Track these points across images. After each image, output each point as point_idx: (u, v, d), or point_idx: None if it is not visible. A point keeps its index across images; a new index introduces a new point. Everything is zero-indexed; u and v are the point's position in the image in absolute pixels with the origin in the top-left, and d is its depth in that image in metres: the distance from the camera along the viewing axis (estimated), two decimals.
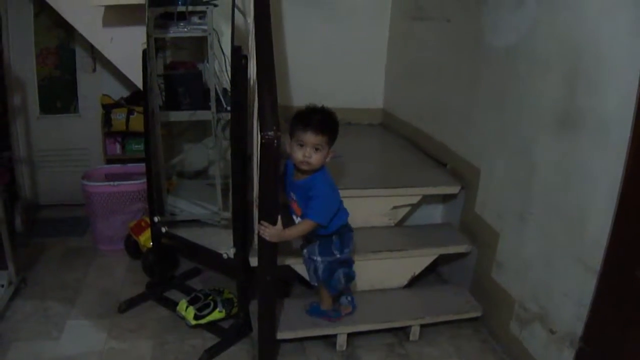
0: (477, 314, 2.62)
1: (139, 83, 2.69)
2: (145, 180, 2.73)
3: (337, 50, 3.58)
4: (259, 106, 2.10)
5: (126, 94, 3.69)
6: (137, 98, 3.51)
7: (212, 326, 2.53)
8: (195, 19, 2.54)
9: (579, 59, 1.98)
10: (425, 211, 2.96)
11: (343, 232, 2.25)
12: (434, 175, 2.92)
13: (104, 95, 3.60)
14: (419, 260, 2.69)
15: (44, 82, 3.68)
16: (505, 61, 2.44)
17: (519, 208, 2.35)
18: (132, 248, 3.09)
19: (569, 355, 2.03)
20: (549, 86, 2.15)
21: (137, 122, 3.41)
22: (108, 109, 3.56)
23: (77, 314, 2.62)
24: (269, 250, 2.13)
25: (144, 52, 2.51)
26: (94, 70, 3.70)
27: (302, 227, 2.15)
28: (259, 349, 2.30)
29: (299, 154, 2.05)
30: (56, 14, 2.85)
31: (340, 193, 2.26)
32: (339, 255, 2.25)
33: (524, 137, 2.30)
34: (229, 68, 2.32)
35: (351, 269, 2.34)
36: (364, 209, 2.67)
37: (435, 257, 2.71)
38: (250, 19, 2.23)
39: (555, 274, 2.14)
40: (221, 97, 2.53)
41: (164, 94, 2.74)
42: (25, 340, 2.41)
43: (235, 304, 2.54)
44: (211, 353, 2.38)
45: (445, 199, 2.96)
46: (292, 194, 2.18)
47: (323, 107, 2.11)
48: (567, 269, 2.07)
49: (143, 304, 2.71)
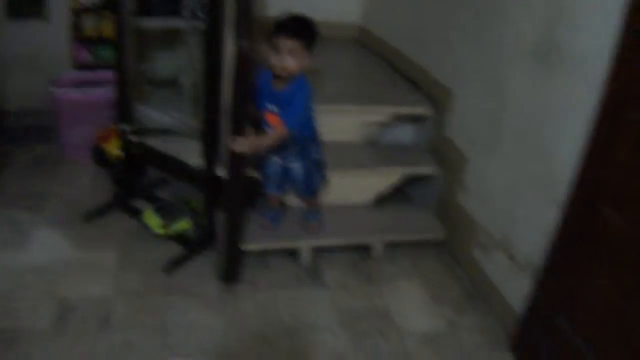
0: (441, 236, 2.67)
1: None
2: (114, 88, 2.66)
3: None
4: (234, 15, 2.05)
5: None
6: (108, 3, 3.37)
7: (178, 237, 2.53)
8: None
9: None
10: (396, 132, 2.95)
11: (317, 136, 2.34)
12: (407, 95, 2.91)
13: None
14: (386, 178, 2.71)
15: None
16: None
17: (489, 135, 2.36)
18: (100, 157, 3.03)
19: (528, 284, 2.08)
20: (527, 16, 2.11)
21: (107, 28, 3.30)
22: (78, 14, 3.43)
23: (44, 223, 2.60)
24: (237, 161, 2.12)
25: None
26: None
27: (276, 134, 2.16)
28: (223, 260, 2.32)
29: (274, 59, 2.07)
30: None
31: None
32: (317, 157, 2.35)
33: (500, 66, 2.28)
34: None
35: (325, 171, 2.42)
36: (333, 124, 2.64)
37: (402, 176, 2.72)
38: None
39: (521, 203, 2.17)
40: (195, 4, 2.45)
41: None
42: None
43: (201, 215, 2.54)
44: (176, 263, 2.40)
45: (417, 120, 2.95)
46: (271, 106, 2.18)
47: (300, 15, 2.11)
48: (532, 199, 2.09)
49: (109, 213, 2.70)
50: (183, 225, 2.53)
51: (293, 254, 2.53)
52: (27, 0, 3.55)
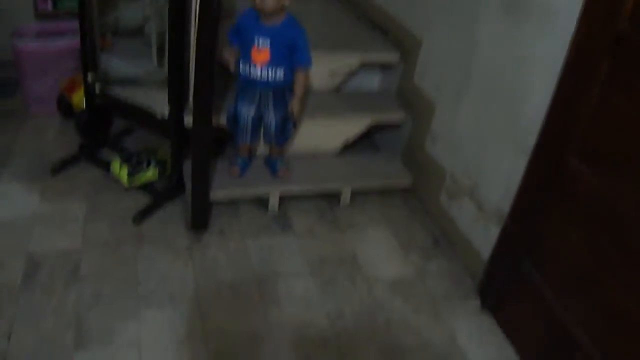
0: (408, 183, 2.69)
1: None
2: (78, 38, 2.59)
3: None
4: None
5: None
6: None
7: (146, 187, 2.52)
8: None
9: None
10: (363, 79, 2.94)
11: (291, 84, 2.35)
12: (374, 42, 2.89)
13: None
14: (354, 126, 2.71)
15: None
16: None
17: (457, 83, 2.36)
18: (65, 108, 2.98)
19: (495, 231, 2.11)
20: None
21: None
22: None
23: (9, 177, 2.57)
24: (204, 109, 2.10)
25: None
26: None
27: (303, 79, 2.30)
28: (191, 209, 2.32)
29: None
30: None
31: None
32: (289, 108, 2.35)
33: (469, 13, 2.26)
34: None
35: (293, 120, 2.42)
36: None
37: (370, 123, 2.71)
38: None
39: (488, 152, 2.18)
40: None
41: None
42: None
43: (169, 164, 2.52)
44: (144, 214, 2.39)
45: (384, 67, 2.93)
46: (262, 40, 2.19)
47: None
48: (499, 148, 2.11)
49: (76, 165, 2.67)
50: (151, 175, 2.52)
51: (262, 203, 2.54)
52: None
